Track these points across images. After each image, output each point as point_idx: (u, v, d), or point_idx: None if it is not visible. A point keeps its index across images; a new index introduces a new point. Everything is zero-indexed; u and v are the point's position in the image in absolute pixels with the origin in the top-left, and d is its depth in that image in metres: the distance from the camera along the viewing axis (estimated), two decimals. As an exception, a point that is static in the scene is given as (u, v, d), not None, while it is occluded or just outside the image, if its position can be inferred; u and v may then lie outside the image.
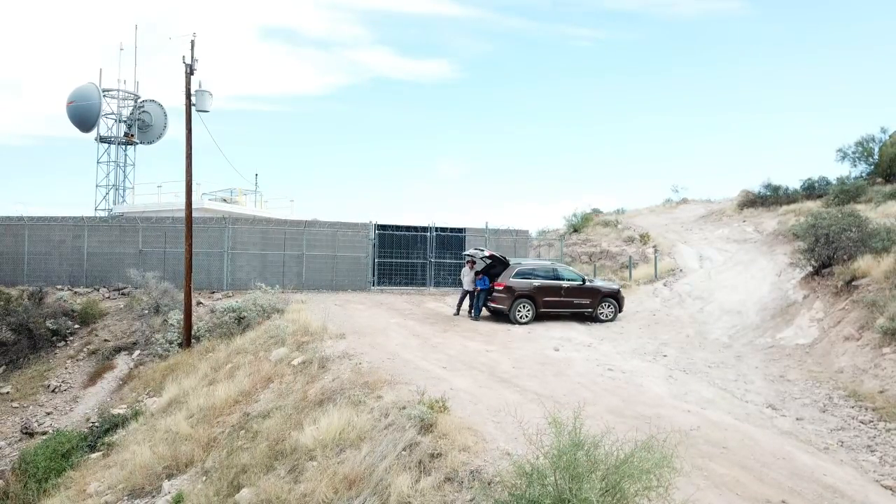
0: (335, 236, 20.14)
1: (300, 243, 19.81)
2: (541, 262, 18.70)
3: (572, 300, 16.75)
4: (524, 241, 22.64)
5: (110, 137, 29.88)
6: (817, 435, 8.99)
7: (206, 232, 19.37)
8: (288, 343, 13.50)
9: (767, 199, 31.28)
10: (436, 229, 21.29)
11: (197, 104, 16.46)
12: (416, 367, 11.03)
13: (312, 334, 13.47)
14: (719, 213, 32.86)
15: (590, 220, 34.18)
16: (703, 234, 29.56)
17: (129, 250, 19.47)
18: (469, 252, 17.18)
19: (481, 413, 8.53)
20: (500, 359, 12.15)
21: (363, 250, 20.49)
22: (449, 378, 10.33)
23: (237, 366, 13.51)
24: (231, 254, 19.38)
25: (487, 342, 13.78)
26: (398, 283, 20.82)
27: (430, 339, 13.64)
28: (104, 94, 29.05)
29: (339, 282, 20.20)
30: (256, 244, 19.68)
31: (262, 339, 14.40)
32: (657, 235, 29.28)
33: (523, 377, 10.86)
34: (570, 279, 16.91)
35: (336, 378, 10.73)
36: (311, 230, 20.03)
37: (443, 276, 21.32)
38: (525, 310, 16.17)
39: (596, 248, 30.68)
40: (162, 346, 15.86)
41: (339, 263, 20.22)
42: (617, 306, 17.27)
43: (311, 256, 19.93)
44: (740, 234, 27.46)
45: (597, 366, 12.24)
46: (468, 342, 13.62)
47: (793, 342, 13.80)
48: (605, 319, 17.06)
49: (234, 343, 14.92)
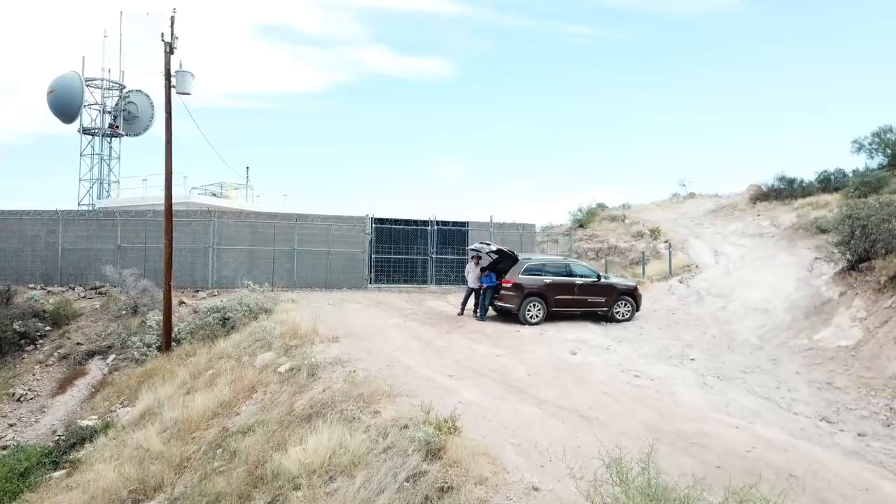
0: (329, 231, 18.76)
1: (291, 238, 18.42)
2: (552, 257, 17.39)
3: (586, 298, 15.45)
4: (531, 235, 21.26)
5: (94, 129, 28.48)
6: (888, 455, 7.73)
7: (190, 226, 18.00)
8: (275, 347, 12.18)
9: (781, 193, 30.06)
10: (437, 223, 19.92)
11: (177, 86, 15.07)
12: (418, 375, 9.72)
13: (302, 337, 12.14)
14: (731, 208, 31.61)
15: (595, 215, 32.88)
16: (715, 228, 28.30)
17: (107, 246, 18.08)
18: (474, 246, 15.84)
19: (497, 432, 7.22)
20: (512, 365, 10.84)
21: (359, 245, 19.11)
22: (456, 388, 9.02)
23: (219, 372, 12.19)
24: (217, 249, 18.02)
25: (496, 345, 12.47)
26: (397, 281, 19.45)
27: (432, 343, 12.33)
28: (87, 84, 27.63)
29: (333, 279, 18.83)
30: (244, 239, 18.32)
31: (248, 343, 13.07)
32: (668, 230, 28.04)
33: (540, 386, 9.55)
34: (584, 276, 15.60)
35: (327, 388, 9.42)
36: (302, 224, 18.64)
37: (445, 272, 19.95)
38: (535, 309, 14.86)
39: (603, 243, 29.42)
40: (139, 349, 14.51)
41: (334, 260, 18.85)
42: (634, 305, 15.98)
43: (303, 252, 18.55)
44: (755, 229, 26.21)
45: (620, 371, 10.95)
46: (475, 345, 12.32)
47: (833, 344, 12.51)
48: (622, 319, 15.77)
49: (216, 346, 13.58)
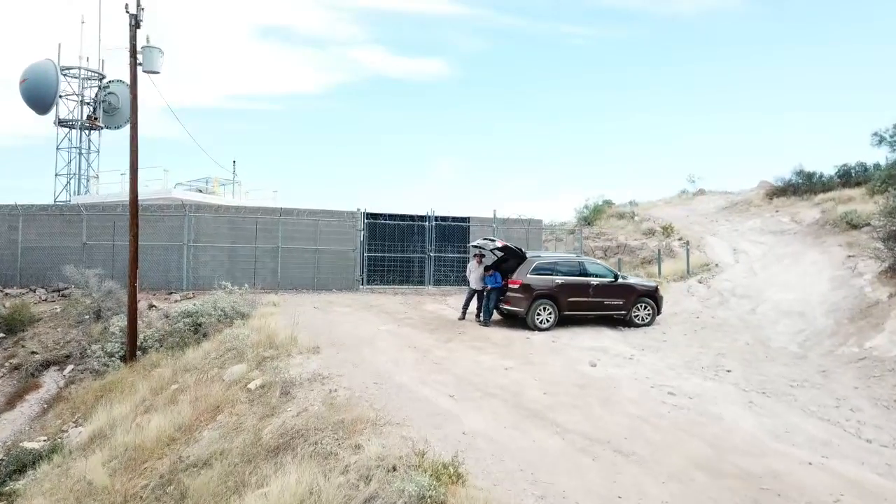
0: (317, 227, 17.10)
1: (275, 235, 16.76)
2: (564, 255, 15.75)
3: (602, 301, 13.82)
4: (538, 231, 19.59)
5: (71, 121, 26.80)
6: None
7: (164, 222, 16.36)
8: (248, 358, 10.53)
9: (799, 188, 28.41)
10: (435, 218, 18.27)
11: (144, 63, 13.45)
12: (411, 394, 8.08)
13: (279, 347, 10.50)
14: (745, 204, 29.99)
15: (603, 212, 31.26)
16: (731, 225, 26.69)
17: (73, 244, 16.43)
18: (477, 243, 14.19)
19: (513, 477, 5.59)
20: (523, 380, 9.20)
21: (350, 243, 17.45)
22: (459, 413, 7.38)
23: (183, 387, 10.55)
24: (193, 247, 16.36)
25: (504, 355, 10.83)
26: (391, 282, 17.79)
27: (430, 353, 10.68)
28: (63, 73, 25.98)
29: (321, 280, 17.17)
30: (224, 236, 16.67)
31: (218, 353, 11.43)
32: (681, 228, 26.43)
33: (560, 408, 7.92)
34: (600, 276, 13.97)
35: (302, 412, 7.79)
36: (287, 219, 16.98)
37: (444, 273, 18.30)
38: (546, 313, 13.23)
39: (612, 241, 27.83)
40: (99, 359, 12.87)
41: (322, 258, 17.20)
42: (655, 308, 14.36)
43: (288, 250, 16.89)
44: (775, 226, 24.59)
45: (651, 388, 9.31)
46: (480, 356, 10.67)
47: (891, 353, 10.88)
48: (641, 323, 14.15)
49: (184, 357, 11.96)
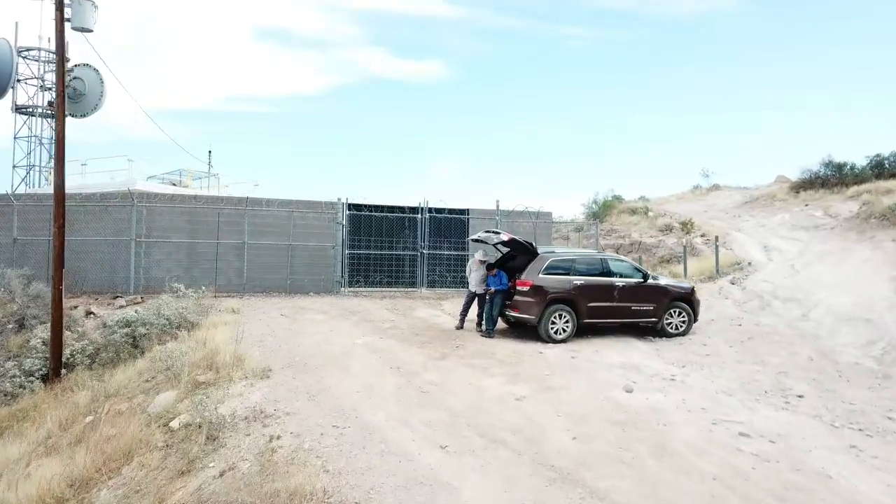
0: (291, 219, 14.66)
1: (241, 229, 14.33)
2: (583, 251, 13.33)
3: (629, 306, 11.42)
4: (547, 226, 17.13)
5: (30, 108, 24.38)
6: None
7: (111, 214, 13.96)
8: (183, 382, 8.12)
9: (828, 181, 26.06)
10: (430, 210, 15.85)
11: (73, 19, 11.14)
12: (385, 445, 5.67)
13: (220, 368, 8.09)
14: (768, 198, 27.62)
15: (613, 208, 28.94)
16: (756, 220, 24.32)
17: (3, 239, 14.03)
18: (478, 236, 11.75)
19: None
20: (542, 416, 6.79)
21: (329, 238, 15.02)
22: (452, 479, 4.97)
23: (98, 421, 8.14)
24: (144, 243, 13.95)
25: (513, 378, 8.42)
26: (378, 283, 15.34)
27: (417, 376, 8.25)
28: (21, 54, 23.56)
29: (296, 281, 14.73)
30: (182, 230, 14.25)
31: (150, 374, 9.02)
32: (701, 223, 24.07)
33: (599, 464, 5.51)
34: (626, 275, 11.58)
35: (227, 471, 5.41)
36: (256, 211, 14.54)
37: (440, 272, 15.88)
38: (562, 321, 10.84)
39: (625, 239, 25.50)
40: (14, 379, 10.42)
41: (297, 256, 14.77)
42: (691, 314, 11.97)
43: (256, 247, 14.46)
44: (807, 220, 22.20)
45: (713, 424, 6.91)
46: (482, 379, 8.25)
47: None
48: (675, 333, 11.78)
49: (114, 377, 9.55)
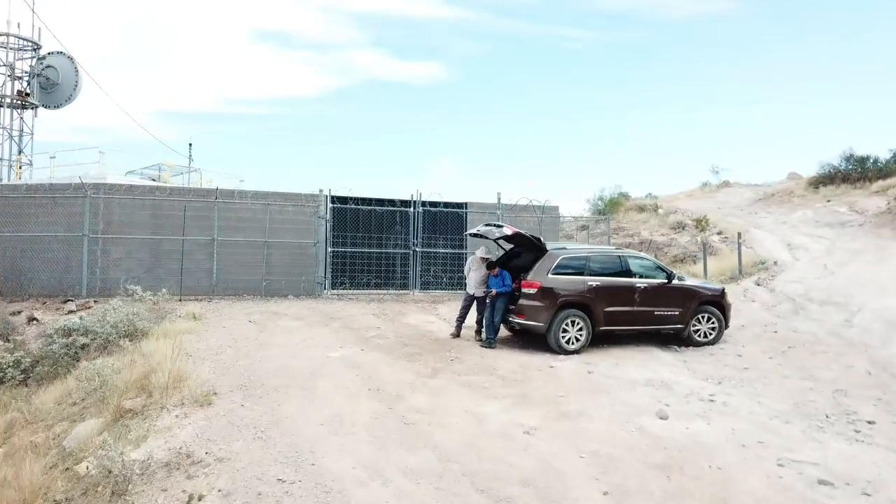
0: (267, 213, 13.07)
1: (211, 224, 12.75)
2: (598, 247, 11.76)
3: (652, 311, 9.85)
4: (554, 222, 15.51)
5: (-1, 98, 22.84)
6: None
7: (62, 207, 12.39)
8: (110, 407, 6.54)
9: (850, 175, 24.55)
10: (423, 204, 14.26)
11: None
12: (347, 511, 4.09)
13: (154, 391, 6.51)
14: (785, 194, 26.10)
15: (620, 205, 27.39)
16: (774, 217, 22.79)
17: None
18: (478, 230, 10.13)
19: None
20: (559, 457, 5.22)
21: (310, 235, 13.43)
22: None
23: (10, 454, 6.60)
24: (101, 240, 12.38)
25: (520, 400, 6.84)
26: (365, 285, 13.73)
27: (401, 400, 6.65)
28: (-12, 40, 22.03)
29: (273, 283, 13.14)
30: (144, 226, 12.68)
31: (80, 395, 7.45)
32: (715, 221, 22.54)
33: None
34: (647, 275, 10.01)
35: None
36: (228, 205, 12.93)
37: (435, 273, 14.30)
38: (575, 328, 9.27)
39: (633, 237, 24.01)
40: (-70, 399, 8.83)
41: (275, 255, 13.19)
42: (722, 319, 10.39)
43: (227, 244, 12.86)
44: (832, 217, 20.69)
45: (778, 465, 5.37)
46: (482, 404, 6.66)
47: None
48: (703, 341, 10.22)
49: (40, 400, 7.98)
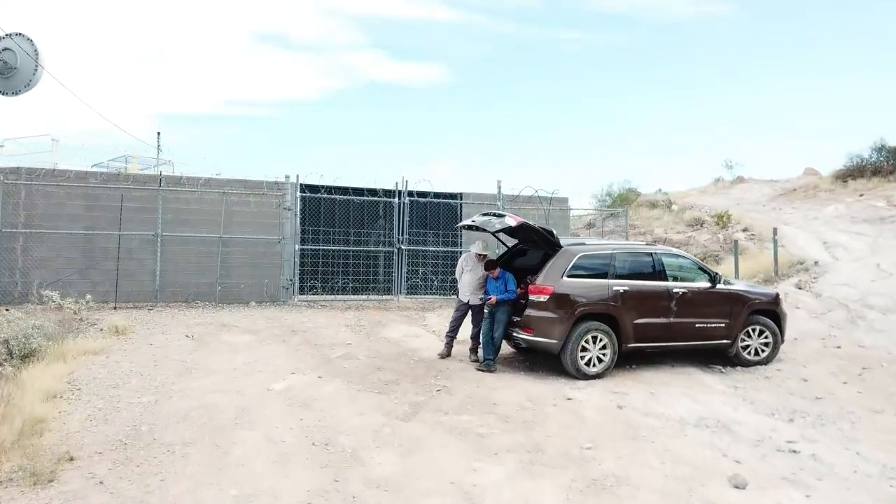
0: (224, 205, 10.99)
1: (155, 217, 10.67)
2: (624, 243, 9.70)
3: (693, 323, 7.78)
4: (563, 214, 13.39)
5: (-50, 82, 20.75)
6: None
7: (-23, 196, 10.32)
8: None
9: (882, 168, 22.56)
10: (410, 194, 12.18)
11: None
12: None
13: (-10, 452, 4.44)
14: (810, 189, 24.07)
15: (630, 201, 25.36)
16: (802, 213, 20.77)
17: None
18: (474, 220, 7.97)
19: None
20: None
21: (275, 230, 11.36)
22: None
23: None
24: (20, 235, 10.31)
25: (530, 457, 4.76)
26: (342, 290, 11.61)
27: (357, 464, 4.54)
28: (-63, 19, 19.90)
29: (230, 287, 11.04)
30: (77, 219, 10.62)
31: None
32: (740, 217, 20.54)
33: None
34: (685, 278, 7.96)
35: None
36: (175, 195, 10.84)
37: (423, 274, 12.22)
38: (598, 346, 7.21)
39: (646, 235, 21.97)
40: None
41: (233, 253, 11.11)
42: (777, 333, 8.32)
43: (175, 241, 10.77)
44: (869, 212, 18.67)
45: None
46: (475, 467, 4.55)
47: None
48: (754, 360, 8.18)
49: None
